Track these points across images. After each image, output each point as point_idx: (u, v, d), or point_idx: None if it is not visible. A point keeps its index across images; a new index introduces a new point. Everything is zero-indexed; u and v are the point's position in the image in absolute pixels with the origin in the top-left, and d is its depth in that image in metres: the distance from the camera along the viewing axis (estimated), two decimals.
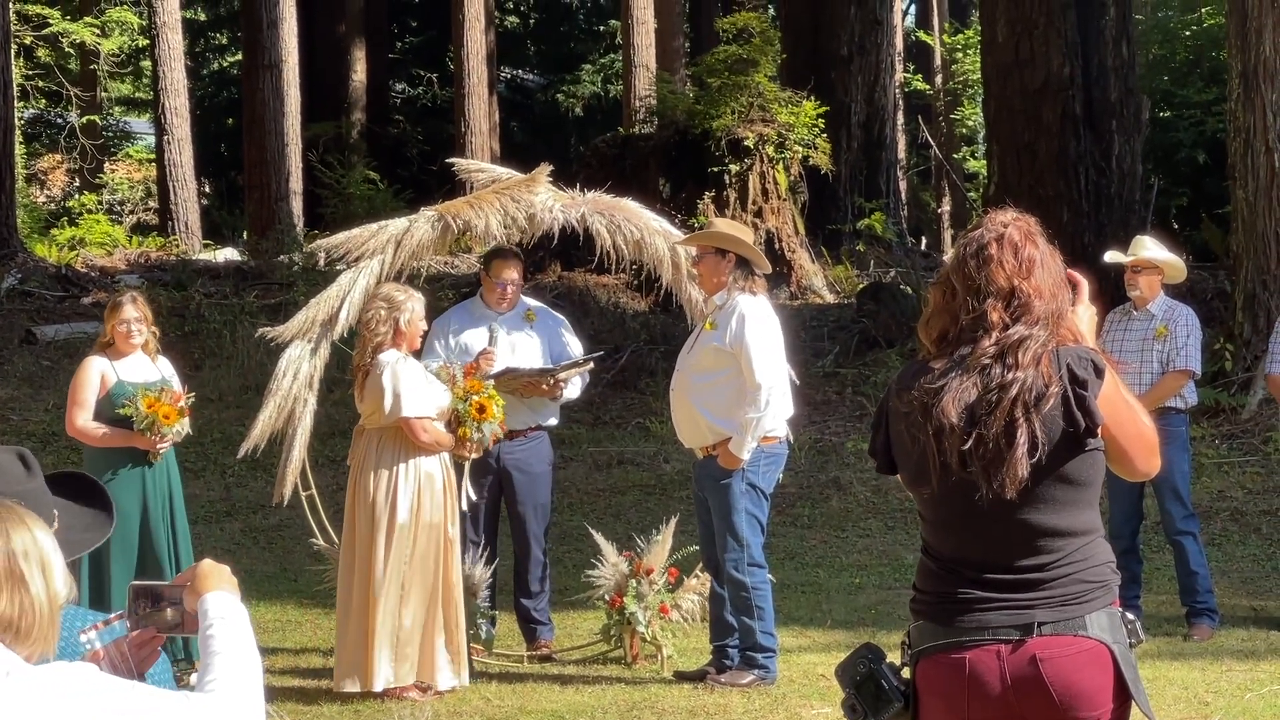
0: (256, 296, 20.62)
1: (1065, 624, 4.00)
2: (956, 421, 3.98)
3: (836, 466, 15.11)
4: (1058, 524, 4.03)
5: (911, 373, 4.14)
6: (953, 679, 4.04)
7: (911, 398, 4.06)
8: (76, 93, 31.88)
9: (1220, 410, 15.12)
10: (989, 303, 4.05)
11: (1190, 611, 9.83)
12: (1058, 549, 4.03)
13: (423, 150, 33.30)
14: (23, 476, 3.55)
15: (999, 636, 4.00)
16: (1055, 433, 3.97)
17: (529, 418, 9.45)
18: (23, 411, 16.66)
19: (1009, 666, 3.99)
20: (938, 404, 4.00)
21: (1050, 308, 4.06)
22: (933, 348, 4.13)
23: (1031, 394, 3.95)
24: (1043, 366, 3.98)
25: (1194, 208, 22.05)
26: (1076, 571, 4.04)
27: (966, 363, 4.02)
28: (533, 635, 9.58)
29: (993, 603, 4.02)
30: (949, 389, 4.00)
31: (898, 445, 4.15)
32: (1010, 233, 4.12)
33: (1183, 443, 9.82)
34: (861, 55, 23.78)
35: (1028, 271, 4.07)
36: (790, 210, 20.18)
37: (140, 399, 8.77)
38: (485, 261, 9.74)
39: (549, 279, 19.50)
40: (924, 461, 4.04)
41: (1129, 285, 9.86)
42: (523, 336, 9.50)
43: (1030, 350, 3.98)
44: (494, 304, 9.52)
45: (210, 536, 13.39)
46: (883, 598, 11.08)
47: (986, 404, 3.97)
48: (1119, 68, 17.93)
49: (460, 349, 9.35)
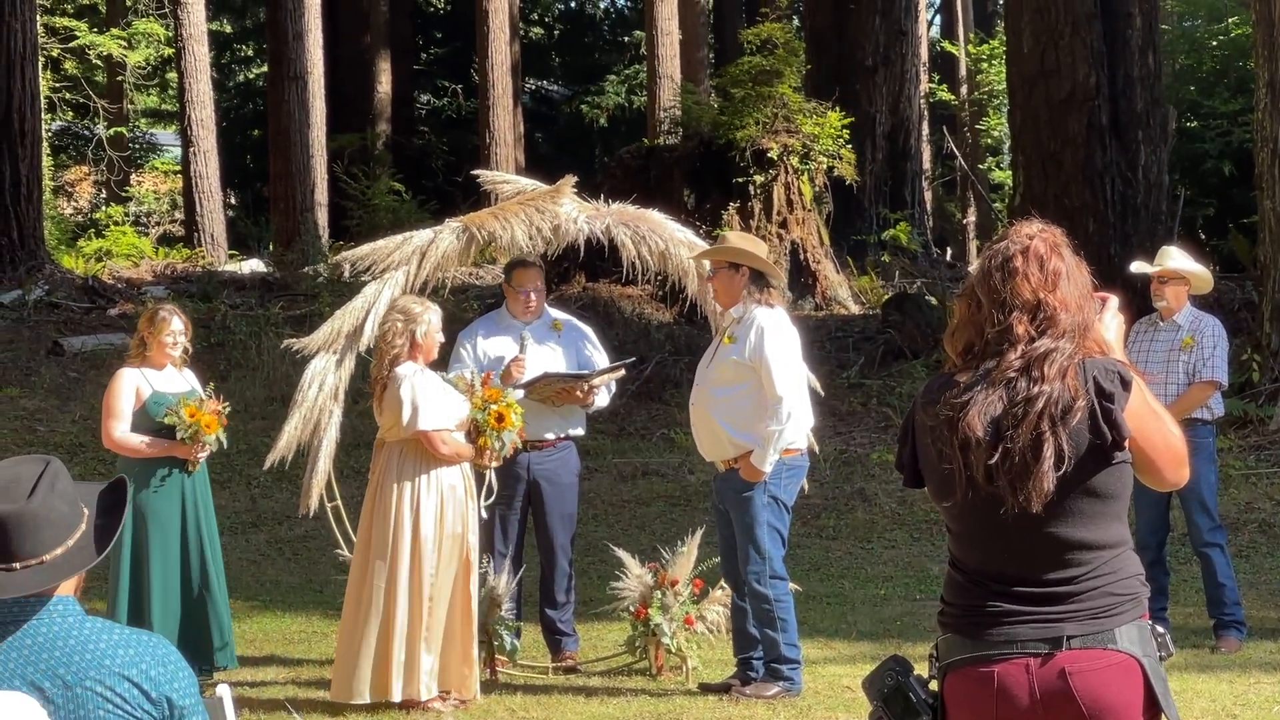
0: (282, 308, 20.68)
1: (1094, 637, 3.99)
2: (982, 435, 3.96)
3: (861, 478, 15.08)
4: (1086, 537, 4.01)
5: (937, 386, 4.12)
6: (981, 692, 4.02)
7: (937, 411, 4.05)
8: (103, 105, 32.02)
9: (1248, 421, 15.07)
10: (1014, 315, 4.03)
11: (1218, 624, 9.79)
12: (1086, 562, 4.02)
13: (447, 161, 33.38)
14: (21, 498, 3.53)
15: (1027, 650, 3.98)
16: (1082, 446, 3.95)
17: (559, 426, 9.45)
18: (50, 423, 16.71)
19: (1038, 680, 3.98)
20: (963, 418, 3.98)
21: (1076, 320, 4.04)
22: (958, 360, 4.12)
23: (1058, 407, 3.93)
24: (1069, 379, 3.96)
25: (1221, 218, 21.98)
26: (1105, 584, 4.02)
27: (992, 376, 4.00)
28: (558, 646, 9.57)
29: (1021, 616, 4.01)
30: (974, 402, 3.99)
31: (924, 458, 4.14)
32: (1036, 245, 4.10)
33: (1209, 454, 9.77)
34: (886, 66, 23.76)
35: (1053, 284, 4.06)
36: (815, 221, 20.17)
37: (183, 409, 8.83)
38: (507, 272, 9.74)
39: (574, 290, 19.51)
40: (950, 475, 4.02)
41: (1155, 296, 9.83)
42: (551, 345, 9.51)
43: (1056, 363, 3.97)
44: (519, 314, 9.53)
45: (236, 547, 13.42)
46: (908, 609, 11.05)
47: (1013, 418, 3.95)
48: (1145, 78, 17.88)
49: (490, 358, 9.36)
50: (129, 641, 3.53)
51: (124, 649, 3.50)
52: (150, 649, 3.54)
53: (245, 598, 11.74)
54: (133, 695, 3.47)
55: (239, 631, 10.60)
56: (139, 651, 3.52)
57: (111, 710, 3.46)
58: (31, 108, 21.88)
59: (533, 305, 9.51)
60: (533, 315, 9.53)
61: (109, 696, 3.45)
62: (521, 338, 9.41)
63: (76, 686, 3.38)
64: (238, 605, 11.37)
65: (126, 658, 3.49)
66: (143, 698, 3.49)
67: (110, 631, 3.53)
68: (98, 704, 3.44)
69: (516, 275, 9.52)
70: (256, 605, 11.52)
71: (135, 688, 3.48)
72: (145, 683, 3.49)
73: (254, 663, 9.76)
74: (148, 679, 3.50)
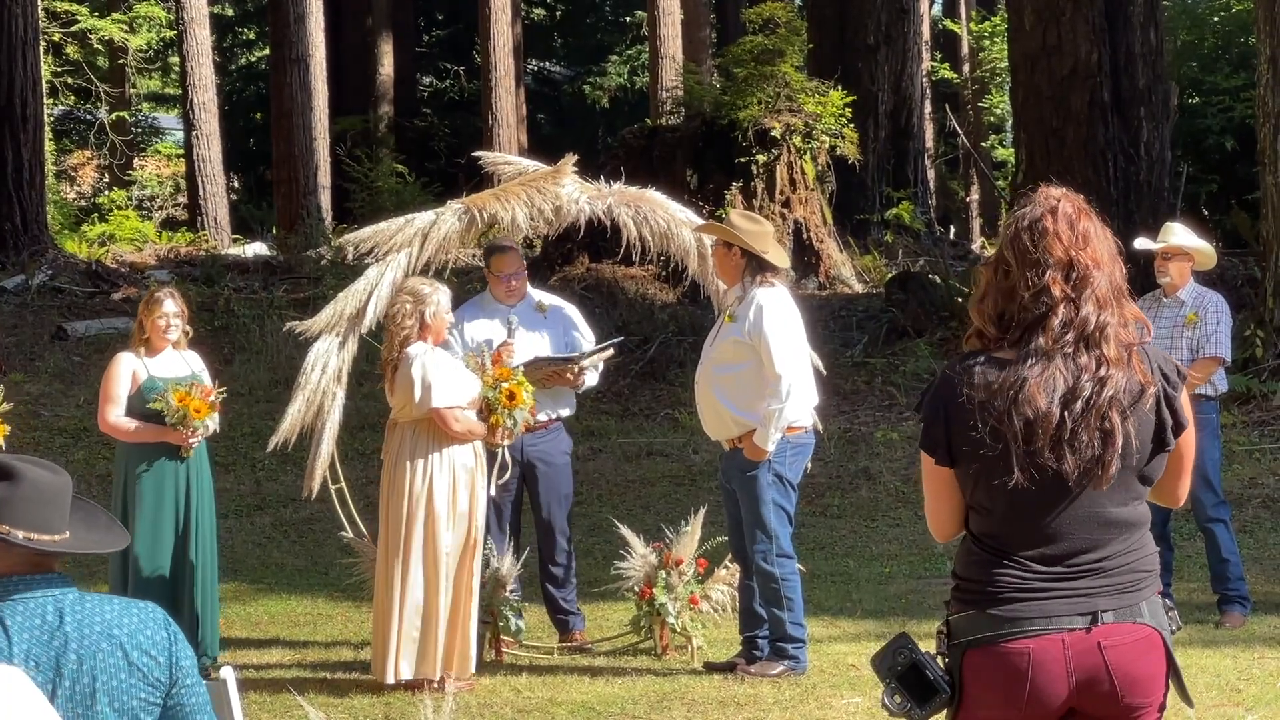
0: (285, 291, 20.67)
1: (1125, 611, 4.04)
2: (1048, 409, 3.96)
3: (866, 456, 15.09)
4: (1126, 516, 4.07)
5: (978, 366, 4.06)
6: (1011, 668, 4.02)
7: (991, 388, 4.01)
8: (105, 89, 31.99)
9: (1251, 397, 15.07)
10: (1049, 275, 4.02)
11: (1222, 599, 9.80)
12: (1121, 539, 4.07)
13: (450, 143, 33.33)
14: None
15: (1063, 625, 4.01)
16: (1147, 434, 4.02)
17: (550, 408, 9.46)
18: (54, 408, 16.72)
19: (1073, 655, 4.00)
20: (1023, 393, 3.97)
21: (1112, 283, 4.06)
22: (991, 327, 4.08)
23: (1128, 395, 3.98)
24: (1136, 364, 4.00)
25: (1223, 194, 21.95)
26: (1134, 561, 4.08)
27: (1046, 350, 3.99)
28: (565, 627, 9.59)
29: (1056, 592, 4.03)
30: (1033, 377, 3.98)
31: (965, 437, 4.05)
32: (1064, 205, 4.11)
33: (1213, 430, 9.77)
34: (888, 44, 23.72)
35: (1084, 242, 4.06)
36: (818, 200, 20.15)
37: (171, 394, 8.79)
38: (485, 257, 9.76)
39: (577, 271, 19.50)
40: (1003, 453, 3.98)
41: (1159, 272, 9.82)
42: (537, 328, 9.52)
43: (1112, 341, 3.99)
44: (502, 298, 9.54)
45: (241, 530, 13.43)
46: (913, 587, 11.06)
47: (1082, 399, 3.96)
48: (1147, 54, 17.85)
49: (476, 342, 9.35)
50: (129, 610, 3.58)
51: (127, 618, 3.56)
52: (150, 615, 3.60)
53: (250, 581, 11.76)
54: (145, 663, 3.52)
55: (244, 615, 10.63)
56: (142, 619, 3.57)
57: (126, 679, 3.49)
58: (33, 92, 21.86)
59: (514, 289, 9.52)
60: (516, 298, 9.53)
61: (124, 666, 3.49)
62: (509, 321, 9.41)
63: (89, 659, 3.42)
64: (242, 588, 11.41)
65: (132, 625, 3.55)
66: (154, 664, 3.53)
67: (109, 603, 3.58)
68: (113, 674, 3.48)
69: (495, 261, 9.53)
70: (261, 588, 11.53)
71: (146, 655, 3.52)
72: (154, 649, 3.54)
73: (259, 645, 9.78)
74: (155, 645, 3.55)
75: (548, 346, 9.45)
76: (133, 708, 3.51)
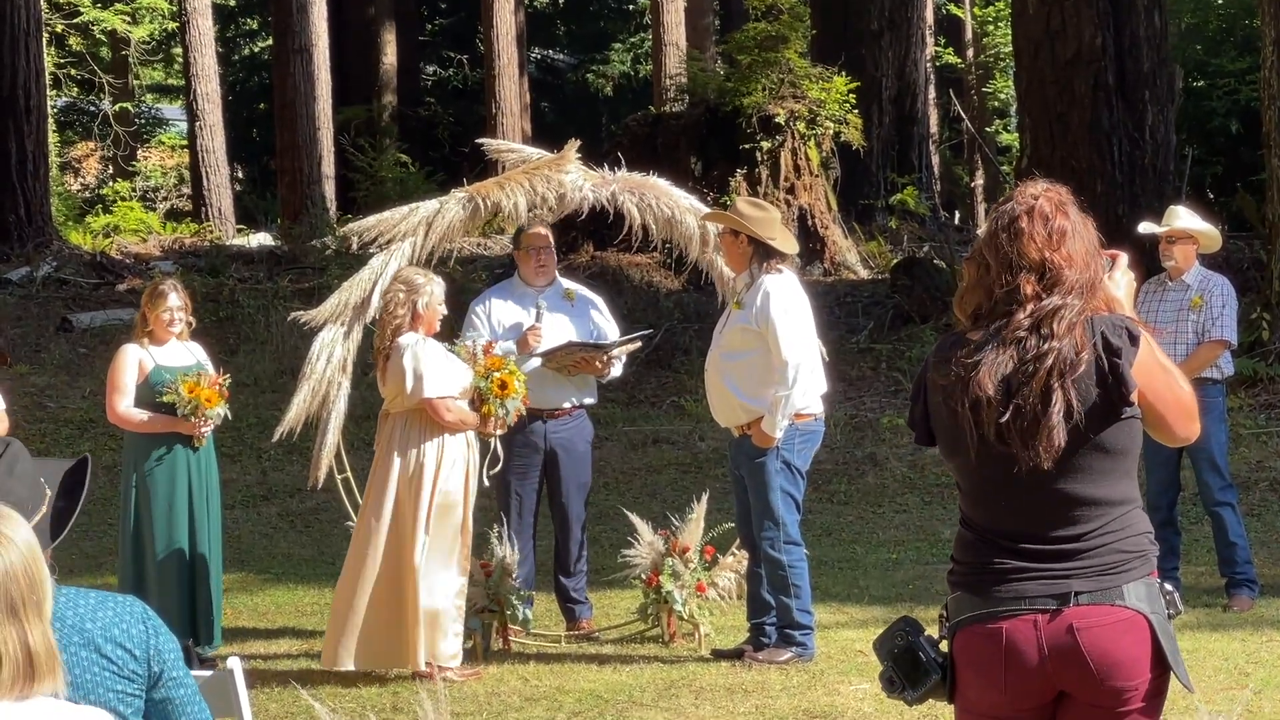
0: (290, 281, 20.67)
1: (1102, 593, 4.01)
2: (993, 394, 3.98)
3: (872, 442, 15.08)
4: (1095, 493, 4.03)
5: (948, 345, 4.15)
6: (989, 649, 4.04)
7: (949, 370, 4.06)
8: (108, 80, 31.99)
9: (1257, 380, 15.05)
10: (1022, 276, 4.05)
11: (1229, 582, 9.79)
12: (1095, 518, 4.04)
13: (454, 132, 33.29)
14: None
15: (1035, 606, 4.01)
16: (1090, 399, 3.97)
17: (575, 395, 9.45)
18: (59, 399, 16.73)
19: (1046, 636, 4.00)
20: (974, 376, 4.00)
21: (1084, 277, 4.05)
22: (968, 322, 4.14)
23: (1065, 362, 3.95)
24: (1076, 334, 3.98)
25: (1229, 177, 21.92)
26: (1114, 541, 4.04)
27: (1002, 335, 4.02)
28: (573, 615, 9.59)
29: (1029, 573, 4.03)
30: (985, 362, 4.01)
31: (935, 417, 4.16)
32: (1041, 204, 4.11)
33: (1220, 413, 9.76)
34: (892, 30, 23.68)
35: (1058, 243, 4.07)
36: (822, 186, 20.12)
37: (180, 384, 8.81)
38: (515, 237, 9.74)
39: (582, 259, 19.49)
40: (960, 433, 4.04)
41: (1164, 255, 9.81)
42: (564, 315, 9.50)
43: (1065, 319, 3.98)
44: (532, 277, 9.50)
45: (247, 520, 13.44)
46: (920, 573, 11.05)
47: (1023, 375, 3.98)
48: (1151, 37, 17.80)
49: (504, 327, 9.35)
50: (105, 603, 3.54)
51: (102, 611, 3.52)
52: (127, 609, 3.55)
53: (257, 571, 11.76)
54: (119, 655, 3.48)
55: (251, 605, 10.63)
56: (118, 613, 3.53)
57: (98, 673, 3.46)
58: (36, 84, 21.87)
59: (545, 264, 9.49)
60: (545, 276, 9.51)
61: (95, 659, 3.46)
62: (537, 305, 9.40)
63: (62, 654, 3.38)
64: (249, 578, 11.42)
65: (106, 619, 3.51)
66: (129, 657, 3.49)
67: (85, 596, 3.53)
68: (84, 668, 3.45)
69: (526, 236, 9.52)
70: (268, 578, 11.53)
71: (120, 648, 3.48)
72: (128, 642, 3.50)
73: (266, 635, 9.78)
74: (130, 638, 3.51)
75: (573, 334, 9.43)
76: (108, 700, 3.47)
